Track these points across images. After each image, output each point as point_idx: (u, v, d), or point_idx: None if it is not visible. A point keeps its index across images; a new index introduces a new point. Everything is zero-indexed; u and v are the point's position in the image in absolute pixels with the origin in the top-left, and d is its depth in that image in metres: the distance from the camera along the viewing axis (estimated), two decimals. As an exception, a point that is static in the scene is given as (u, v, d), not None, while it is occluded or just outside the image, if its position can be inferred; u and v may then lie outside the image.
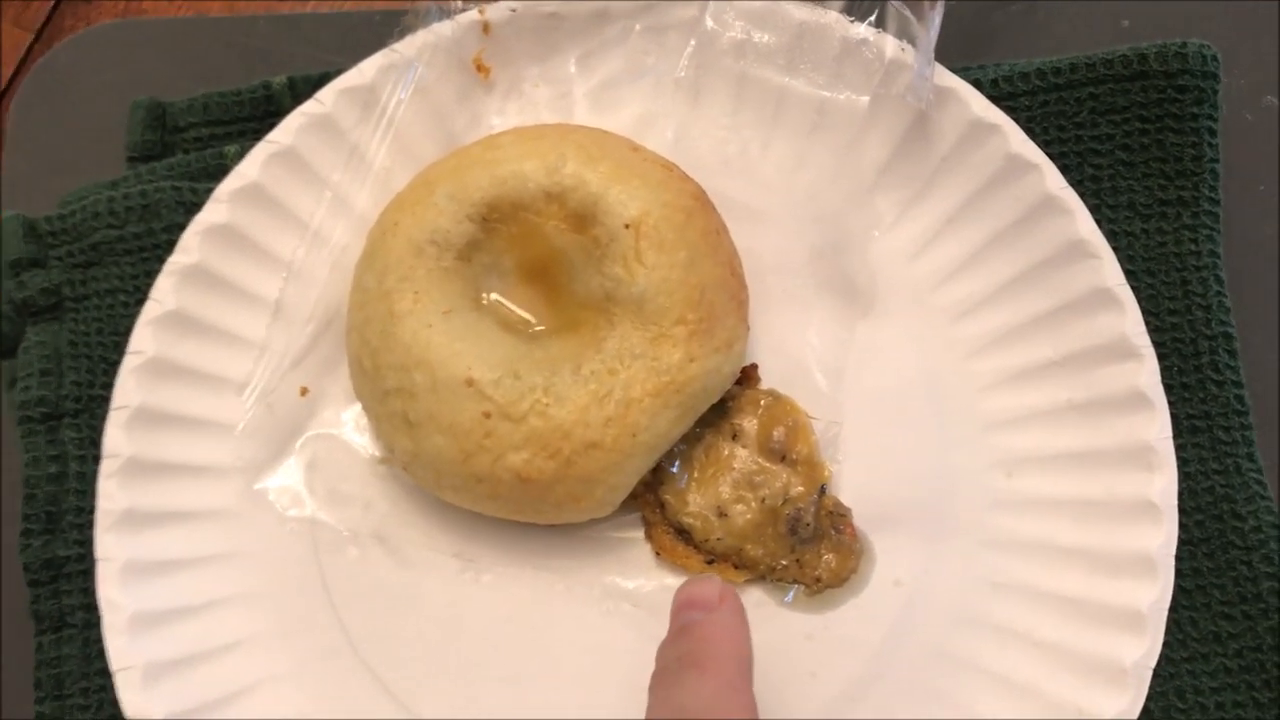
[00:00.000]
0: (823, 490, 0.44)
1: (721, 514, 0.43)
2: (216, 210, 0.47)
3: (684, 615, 0.37)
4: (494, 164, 0.44)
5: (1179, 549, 0.42)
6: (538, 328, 0.44)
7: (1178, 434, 0.44)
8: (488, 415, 0.41)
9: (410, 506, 0.45)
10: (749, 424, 0.45)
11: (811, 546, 0.43)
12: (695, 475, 0.44)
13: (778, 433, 0.44)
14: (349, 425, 0.46)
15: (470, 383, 0.41)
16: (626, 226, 0.42)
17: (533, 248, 0.44)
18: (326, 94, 0.48)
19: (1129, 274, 0.45)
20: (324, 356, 0.46)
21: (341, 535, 0.45)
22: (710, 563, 0.43)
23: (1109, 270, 0.44)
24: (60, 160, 0.53)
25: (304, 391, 0.46)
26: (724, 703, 0.34)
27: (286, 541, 0.45)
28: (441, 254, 0.43)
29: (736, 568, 0.43)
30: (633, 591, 0.44)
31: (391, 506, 0.45)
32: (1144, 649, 0.40)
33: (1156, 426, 0.42)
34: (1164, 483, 0.42)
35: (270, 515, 0.45)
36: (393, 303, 0.43)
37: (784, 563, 0.43)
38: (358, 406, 0.45)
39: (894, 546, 0.44)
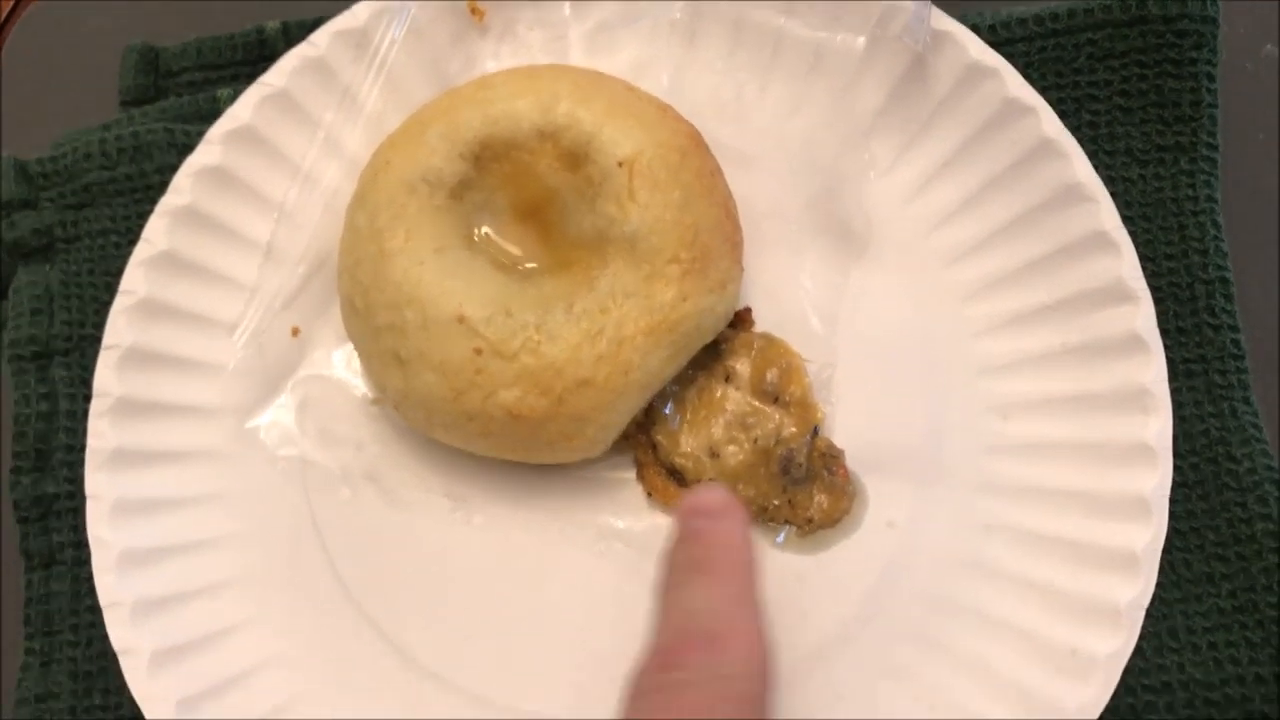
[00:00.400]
0: (815, 432, 0.43)
1: (714, 454, 0.43)
2: (209, 152, 0.46)
3: (691, 521, 0.36)
4: (487, 103, 0.44)
5: (1174, 491, 0.41)
6: (530, 266, 0.43)
7: (1174, 378, 0.43)
8: (479, 352, 0.41)
9: (402, 447, 0.45)
10: (742, 366, 0.44)
11: (804, 487, 0.43)
12: (688, 417, 0.44)
13: (771, 375, 0.44)
14: (340, 366, 0.46)
15: (461, 320, 0.41)
16: (620, 165, 0.42)
17: (526, 187, 0.43)
18: (320, 36, 0.48)
19: (1126, 219, 0.44)
20: (316, 298, 0.46)
21: (333, 475, 0.44)
22: (702, 504, 0.43)
23: (1105, 214, 0.43)
24: (54, 105, 0.52)
25: (295, 332, 0.46)
26: (731, 607, 0.34)
27: (277, 482, 0.44)
28: (433, 192, 0.43)
29: (729, 509, 0.43)
30: (624, 531, 0.43)
31: (383, 447, 0.45)
32: (1138, 589, 0.40)
33: (1152, 369, 0.42)
34: (1159, 425, 0.41)
35: (261, 455, 0.45)
36: (384, 241, 0.42)
37: (776, 503, 0.43)
38: (349, 348, 0.45)
39: (887, 489, 0.43)
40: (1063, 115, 0.45)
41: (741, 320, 0.45)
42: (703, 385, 0.44)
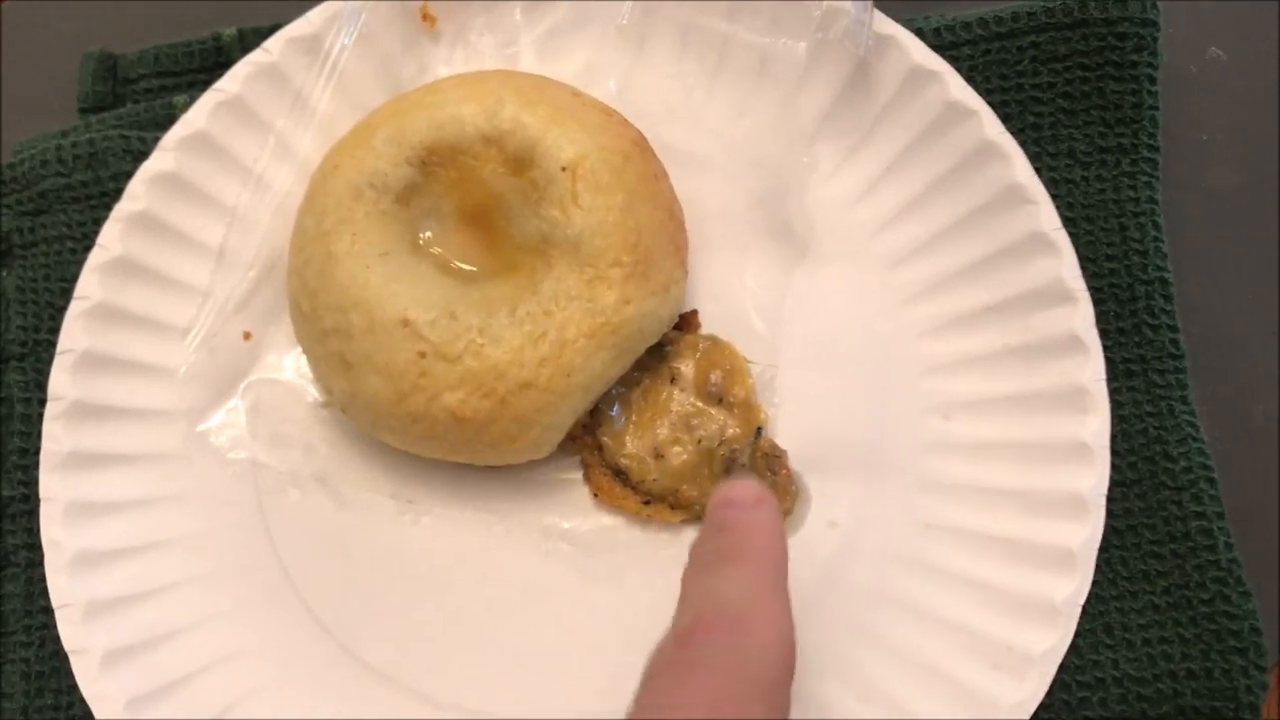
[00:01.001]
0: (759, 432, 0.44)
1: (658, 455, 0.43)
2: (163, 158, 0.47)
3: (721, 513, 0.36)
4: (433, 108, 0.44)
5: (1112, 490, 0.42)
6: (476, 271, 0.44)
7: (1113, 378, 0.44)
8: (423, 355, 0.41)
9: (351, 450, 0.45)
10: (687, 368, 0.45)
11: (747, 487, 0.43)
12: (633, 418, 0.44)
13: (715, 376, 0.44)
14: (291, 370, 0.46)
15: (406, 323, 0.41)
16: (563, 169, 0.42)
17: (471, 192, 0.44)
18: (274, 43, 0.48)
19: (1068, 221, 0.45)
20: (267, 302, 0.46)
21: (283, 478, 0.45)
22: (647, 503, 0.43)
23: (1045, 215, 0.44)
24: (11, 112, 0.53)
25: (247, 336, 0.46)
26: (759, 594, 0.33)
27: (228, 484, 0.45)
28: (380, 197, 0.43)
29: (673, 508, 0.43)
30: (570, 531, 0.44)
31: (333, 450, 0.45)
32: (1074, 586, 0.40)
33: (1090, 369, 0.42)
34: (1097, 424, 0.42)
35: (212, 458, 0.45)
36: (330, 244, 0.43)
37: (719, 503, 0.43)
38: (300, 352, 0.45)
39: (829, 488, 0.44)
40: (1006, 119, 0.46)
41: (688, 322, 0.46)
42: (648, 387, 0.44)
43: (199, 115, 0.47)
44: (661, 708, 0.30)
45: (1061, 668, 0.40)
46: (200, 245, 0.47)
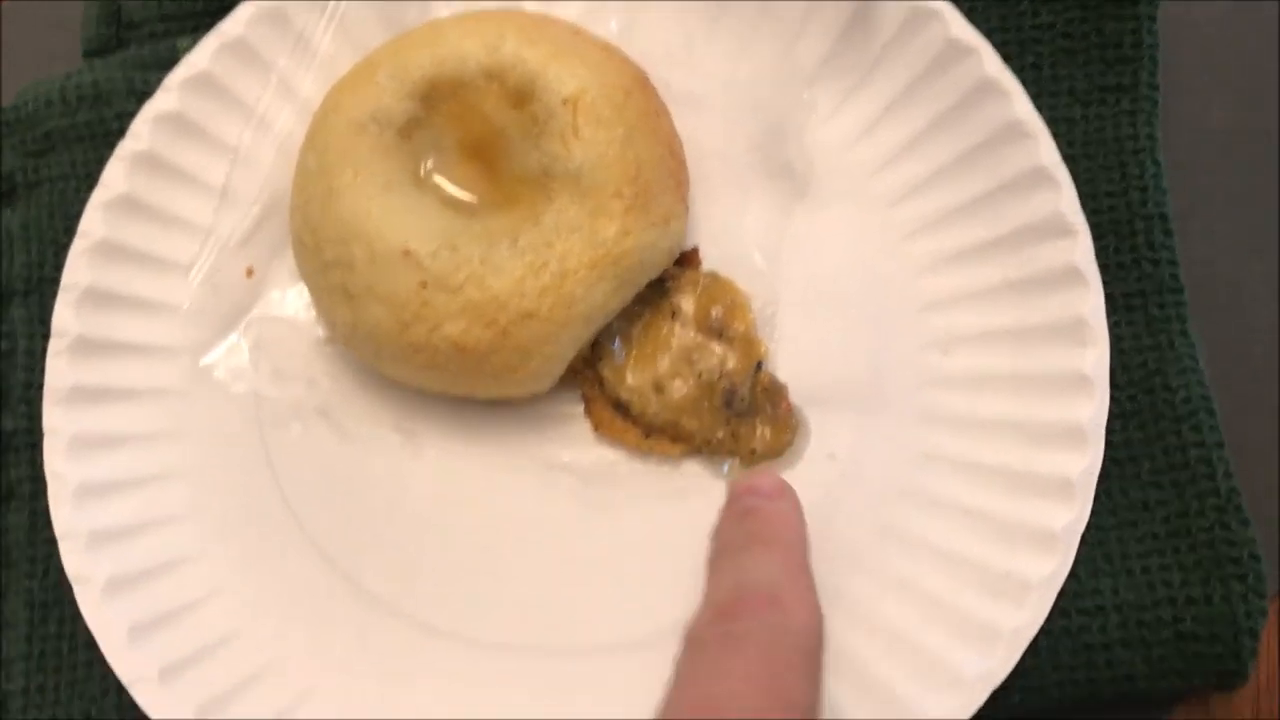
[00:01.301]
0: (759, 366, 0.44)
1: (659, 388, 0.43)
2: (167, 98, 0.47)
3: (745, 500, 0.37)
4: (435, 44, 0.44)
5: (1111, 422, 0.42)
6: (477, 203, 0.43)
7: (1113, 311, 0.44)
8: (424, 285, 0.41)
9: (354, 384, 0.45)
10: (688, 303, 0.45)
11: (747, 420, 0.43)
12: (634, 352, 0.44)
13: (715, 311, 0.44)
14: (294, 306, 0.46)
15: (407, 254, 0.41)
16: (564, 102, 0.42)
17: (473, 126, 0.44)
18: (278, -15, 0.48)
19: (1068, 158, 0.45)
20: (270, 240, 0.46)
21: (285, 411, 0.45)
22: (647, 436, 0.43)
23: (1045, 149, 0.43)
24: (15, 57, 0.53)
25: (250, 273, 0.46)
26: (792, 576, 0.34)
27: (231, 419, 0.45)
28: (382, 131, 0.43)
29: (673, 440, 0.43)
30: (571, 464, 0.44)
31: (335, 384, 0.45)
32: (1073, 515, 0.40)
33: (1090, 301, 0.42)
34: (1096, 355, 0.42)
35: (215, 393, 0.45)
36: (332, 179, 0.43)
37: (719, 435, 0.43)
38: (303, 287, 0.45)
39: (829, 422, 0.44)
40: (1006, 58, 0.45)
41: (688, 260, 0.46)
42: (649, 321, 0.44)
43: (202, 56, 0.47)
44: (715, 676, 0.31)
45: (1061, 595, 0.40)
46: (203, 184, 0.47)
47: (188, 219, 0.46)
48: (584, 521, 0.43)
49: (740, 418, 0.43)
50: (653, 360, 0.44)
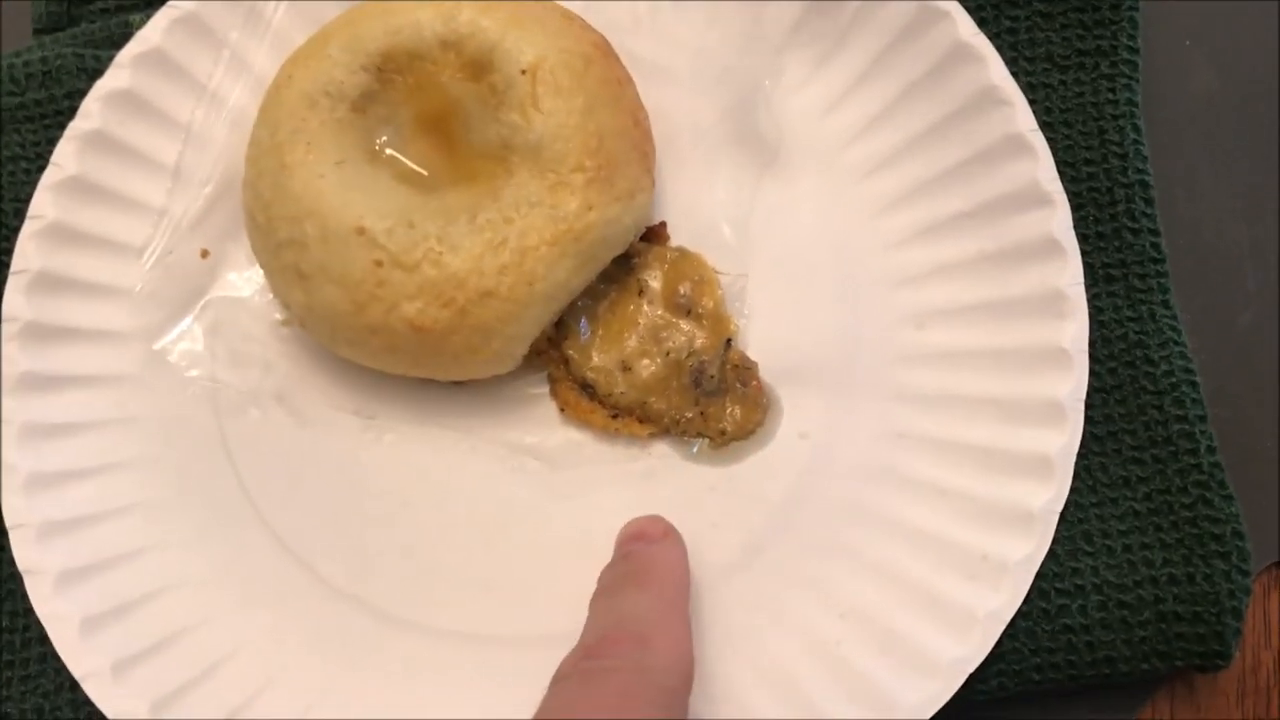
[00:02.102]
0: (729, 343, 0.42)
1: (625, 368, 0.41)
2: (118, 75, 0.45)
3: (628, 545, 0.38)
4: (389, 14, 0.42)
5: (1092, 396, 0.40)
6: (435, 179, 0.41)
7: (1093, 282, 0.42)
8: (379, 264, 0.39)
9: (312, 367, 0.43)
10: (655, 280, 0.43)
11: (716, 399, 0.41)
12: (600, 331, 0.42)
13: (684, 287, 0.42)
14: (250, 288, 0.44)
15: (361, 231, 0.39)
16: (523, 72, 0.40)
17: (430, 98, 0.42)
18: (230, -43, 0.46)
19: (1047, 126, 0.43)
20: (225, 220, 0.44)
21: (242, 396, 0.43)
22: (614, 417, 0.41)
23: (1021, 116, 0.42)
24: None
25: (205, 254, 0.44)
26: (662, 615, 0.34)
27: (187, 405, 0.43)
28: (335, 106, 0.41)
29: (641, 421, 0.41)
30: (535, 446, 0.42)
31: (293, 367, 0.43)
32: (1051, 493, 0.38)
33: (1068, 272, 0.40)
34: (1075, 329, 0.40)
35: (171, 379, 0.43)
36: (284, 154, 0.41)
37: (688, 415, 0.41)
38: (259, 270, 0.43)
39: (801, 400, 0.42)
40: (982, 22, 0.43)
41: (656, 234, 0.44)
42: (615, 299, 0.42)
43: (154, 32, 0.45)
44: (568, 707, 0.32)
45: (1040, 575, 0.38)
46: (156, 163, 0.45)
47: (141, 200, 0.44)
48: (549, 506, 0.41)
49: (710, 397, 0.41)
50: (619, 339, 0.42)
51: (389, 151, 0.42)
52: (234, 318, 0.44)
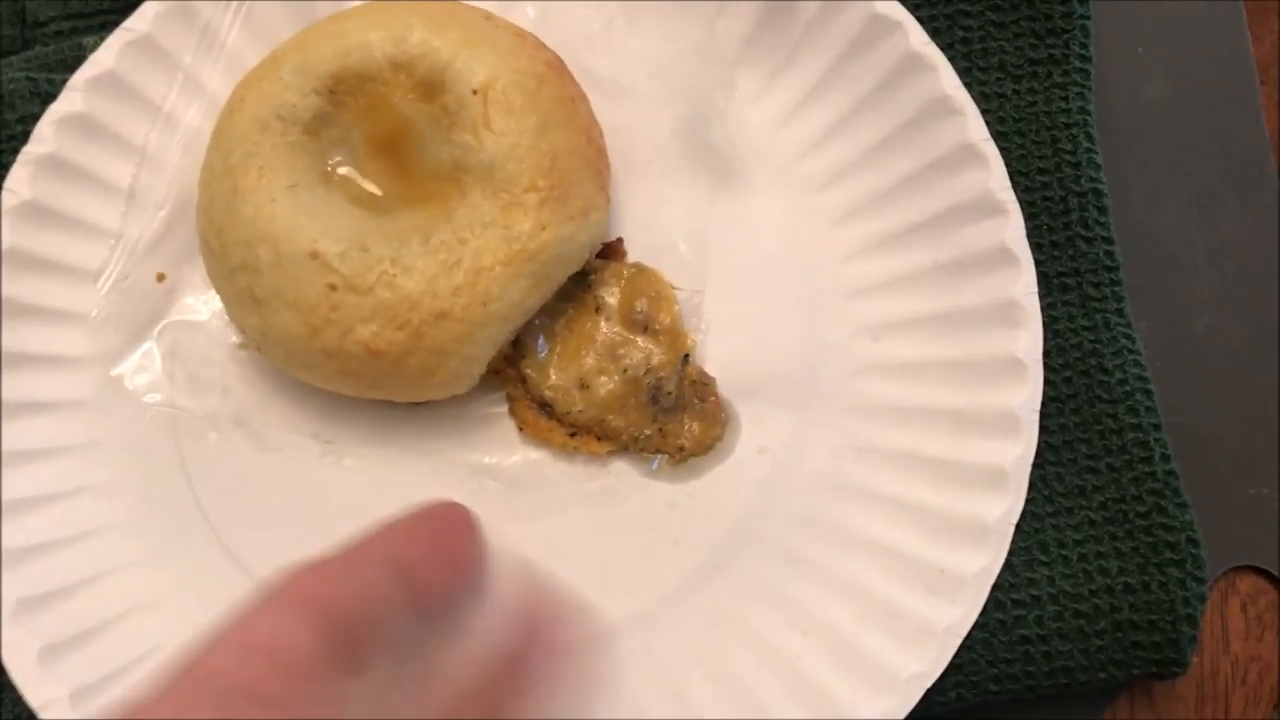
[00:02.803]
0: (686, 359, 0.41)
1: (583, 386, 0.41)
2: (72, 99, 0.44)
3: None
4: (340, 36, 0.41)
5: (1047, 406, 0.40)
6: (388, 201, 0.41)
7: (1048, 292, 0.42)
8: (333, 288, 0.38)
9: (271, 391, 0.43)
10: (612, 296, 0.42)
11: (674, 416, 0.41)
12: (558, 349, 0.42)
13: (640, 304, 0.42)
14: (208, 311, 0.43)
15: (315, 255, 0.39)
16: (474, 92, 0.40)
17: (382, 120, 0.41)
18: (183, -21, 0.45)
19: (1000, 135, 0.43)
20: (181, 243, 0.44)
21: (201, 421, 0.42)
22: (573, 435, 0.41)
23: (973, 126, 0.41)
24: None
25: (161, 278, 0.43)
26: None
27: (146, 430, 0.42)
28: (287, 129, 0.41)
29: (600, 439, 0.41)
30: (494, 467, 0.41)
31: (251, 391, 0.43)
32: (1006, 505, 0.38)
33: (1022, 282, 0.40)
34: (1029, 339, 0.39)
35: (128, 404, 0.42)
36: (237, 179, 0.40)
37: (647, 432, 0.41)
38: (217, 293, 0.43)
39: (760, 415, 0.41)
40: (935, 33, 0.43)
41: (614, 251, 0.43)
42: (572, 317, 0.42)
43: (108, 55, 0.44)
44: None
45: (997, 587, 0.38)
46: (111, 187, 0.44)
47: (96, 224, 0.44)
48: (509, 527, 0.40)
49: (668, 413, 0.41)
50: (577, 357, 0.41)
51: (341, 173, 0.41)
52: (191, 341, 0.43)
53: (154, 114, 0.45)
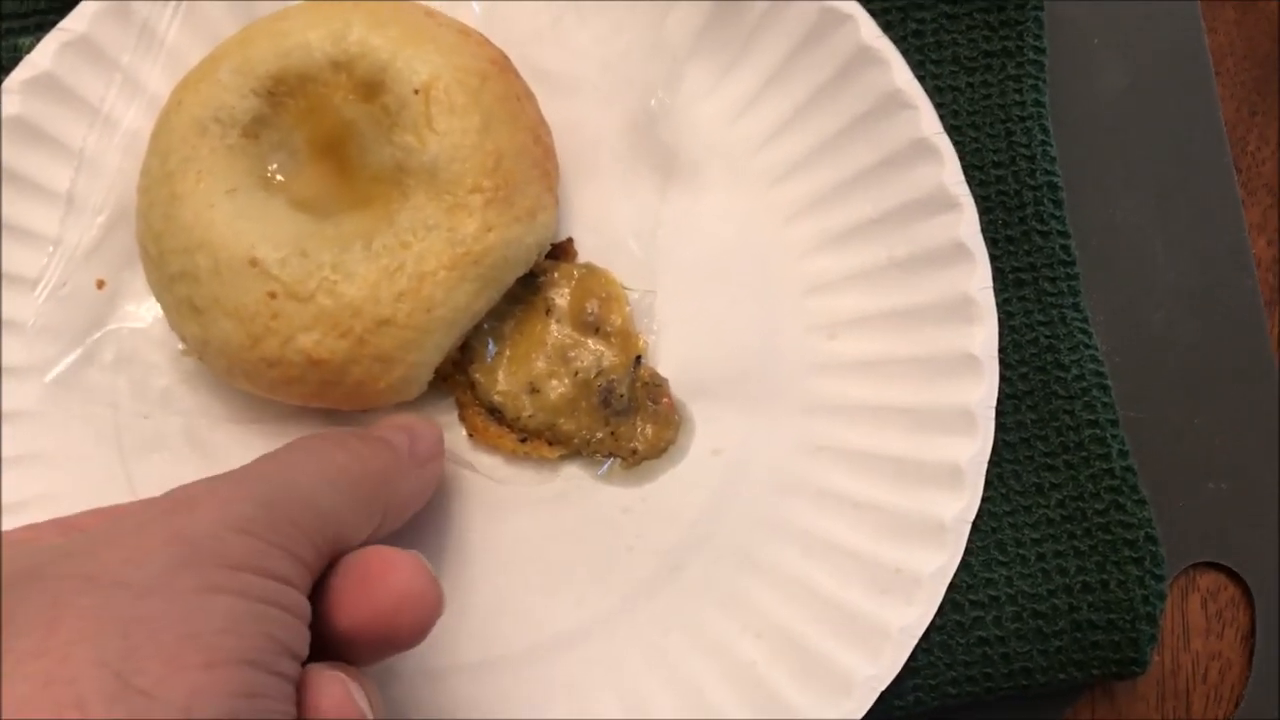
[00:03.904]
0: (638, 361, 0.40)
1: (533, 390, 0.40)
2: (8, 102, 0.42)
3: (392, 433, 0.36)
4: (279, 35, 0.39)
5: (1003, 403, 0.39)
6: (330, 205, 0.39)
7: (1003, 287, 0.40)
8: (273, 296, 0.37)
9: (215, 399, 0.41)
10: (562, 298, 0.41)
11: (626, 418, 0.39)
12: (507, 353, 0.40)
13: (591, 305, 0.40)
14: (150, 317, 0.42)
15: (254, 262, 0.37)
16: (416, 92, 0.38)
17: (323, 122, 0.39)
18: (121, -22, 0.43)
19: (954, 129, 0.41)
20: (121, 248, 0.42)
21: (146, 432, 0.41)
22: (524, 440, 0.40)
23: (926, 120, 0.40)
24: None
25: (101, 284, 0.42)
26: None
27: (89, 440, 0.41)
28: (226, 132, 0.39)
29: (550, 444, 0.40)
30: (446, 474, 0.40)
31: (196, 398, 0.41)
32: (962, 504, 0.37)
33: (976, 277, 0.39)
34: (984, 335, 0.38)
35: (70, 413, 0.41)
36: (175, 184, 0.38)
37: (599, 436, 0.39)
38: (158, 299, 0.41)
39: (714, 416, 0.40)
40: (888, 26, 0.42)
41: (564, 251, 0.42)
42: (522, 320, 0.40)
43: (43, 56, 0.42)
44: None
45: (954, 587, 0.37)
46: (49, 192, 0.42)
47: (34, 230, 0.42)
48: (461, 534, 0.39)
49: (620, 416, 0.39)
50: (527, 360, 0.40)
51: (281, 177, 0.39)
52: (134, 349, 0.41)
53: (92, 116, 0.43)
